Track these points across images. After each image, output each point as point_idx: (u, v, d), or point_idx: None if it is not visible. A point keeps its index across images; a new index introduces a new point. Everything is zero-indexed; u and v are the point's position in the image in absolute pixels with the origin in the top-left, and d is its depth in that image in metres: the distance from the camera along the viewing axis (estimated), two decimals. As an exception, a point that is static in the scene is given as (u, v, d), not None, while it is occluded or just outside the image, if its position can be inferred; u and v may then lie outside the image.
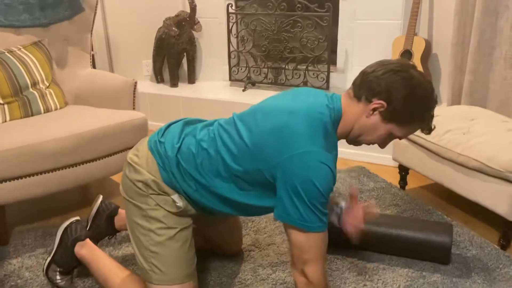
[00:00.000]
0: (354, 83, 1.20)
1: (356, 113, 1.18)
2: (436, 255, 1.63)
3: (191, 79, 3.47)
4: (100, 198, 1.73)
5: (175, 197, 1.28)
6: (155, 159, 1.28)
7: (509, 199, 1.65)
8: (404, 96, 1.12)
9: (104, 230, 1.69)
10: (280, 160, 1.10)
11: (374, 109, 1.16)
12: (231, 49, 3.21)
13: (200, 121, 1.41)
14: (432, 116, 1.19)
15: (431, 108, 1.18)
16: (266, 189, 1.20)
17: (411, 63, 1.18)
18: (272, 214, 2.01)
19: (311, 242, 1.11)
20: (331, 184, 1.10)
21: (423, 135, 1.96)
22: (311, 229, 1.10)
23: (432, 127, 1.21)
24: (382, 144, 1.24)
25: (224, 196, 1.26)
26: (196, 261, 1.33)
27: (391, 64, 1.15)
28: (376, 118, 1.17)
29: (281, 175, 1.10)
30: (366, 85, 1.16)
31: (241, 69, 3.29)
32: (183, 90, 3.29)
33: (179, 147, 1.28)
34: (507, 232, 1.74)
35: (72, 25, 2.38)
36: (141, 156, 1.30)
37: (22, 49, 2.17)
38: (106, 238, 1.78)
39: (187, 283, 1.28)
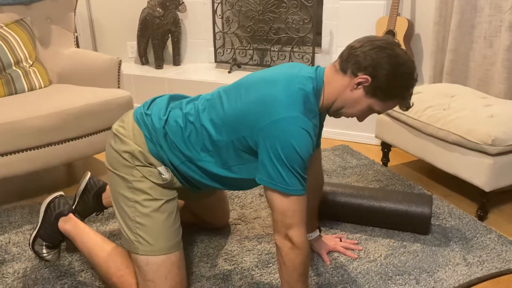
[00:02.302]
0: (341, 56, 1.23)
1: (340, 85, 1.22)
2: (416, 225, 1.69)
3: (176, 61, 3.47)
4: (88, 174, 1.73)
5: (161, 169, 1.30)
6: (141, 130, 1.30)
7: (486, 170, 1.71)
8: (388, 72, 1.16)
9: (91, 206, 1.71)
10: (262, 126, 1.13)
11: (358, 83, 1.19)
12: (216, 30, 3.21)
13: (184, 97, 1.43)
14: (411, 94, 1.24)
15: (412, 86, 1.23)
16: (249, 162, 1.24)
17: (396, 40, 1.22)
18: (257, 190, 2.06)
19: (293, 206, 1.14)
20: (310, 149, 1.14)
21: (405, 112, 2.01)
22: (293, 193, 1.13)
23: (411, 104, 1.26)
24: (361, 117, 1.29)
25: (209, 170, 1.29)
26: (181, 232, 1.36)
27: (378, 40, 1.19)
28: (359, 92, 1.21)
29: (263, 140, 1.13)
30: (353, 60, 1.19)
31: (227, 51, 3.29)
32: (168, 71, 3.29)
33: (166, 119, 1.29)
34: (484, 203, 1.80)
35: (55, 3, 2.36)
36: (127, 127, 1.31)
37: (4, 27, 2.15)
38: (94, 214, 1.80)
39: (173, 253, 1.30)
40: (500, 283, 0.88)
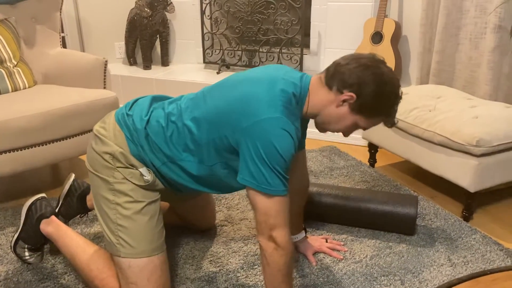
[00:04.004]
0: (327, 71, 1.24)
1: (326, 100, 1.23)
2: (402, 226, 1.69)
3: (165, 62, 3.45)
4: (73, 176, 1.71)
5: (143, 170, 1.28)
6: (122, 131, 1.28)
7: (471, 171, 1.72)
8: (373, 90, 1.18)
9: (75, 208, 1.69)
10: (244, 126, 1.13)
11: (344, 100, 1.21)
12: (205, 31, 3.20)
13: (167, 97, 1.42)
14: (396, 111, 1.26)
15: (396, 103, 1.25)
16: (230, 161, 1.23)
17: (381, 58, 1.24)
18: (244, 191, 2.05)
19: (277, 206, 1.14)
20: (292, 150, 1.14)
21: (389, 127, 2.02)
22: (276, 193, 1.13)
23: (396, 121, 1.28)
24: (347, 133, 1.30)
25: (190, 171, 1.28)
26: (164, 234, 1.34)
27: (364, 58, 1.20)
28: (344, 109, 1.22)
29: (245, 141, 1.13)
30: (339, 76, 1.20)
31: (215, 52, 3.29)
32: (156, 72, 3.27)
33: (148, 120, 1.28)
34: (469, 203, 1.81)
35: (40, 3, 2.33)
36: (108, 128, 1.30)
37: (-12, 27, 2.12)
38: (78, 216, 1.78)
39: (156, 255, 1.28)
40: (479, 283, 0.88)
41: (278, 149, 1.10)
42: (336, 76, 1.20)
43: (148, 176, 1.28)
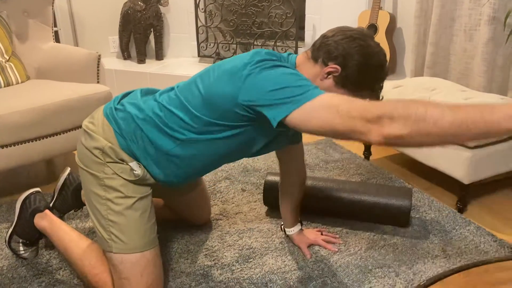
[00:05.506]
0: (313, 45, 1.21)
1: (311, 73, 1.20)
2: (396, 218, 1.70)
3: (159, 56, 3.43)
4: (68, 170, 1.71)
5: (133, 164, 1.26)
6: (111, 125, 1.26)
7: (465, 163, 1.72)
8: (358, 63, 1.14)
9: (70, 203, 1.68)
10: (242, 85, 1.08)
11: (328, 73, 1.17)
12: (199, 24, 3.18)
13: (157, 90, 1.38)
14: (381, 87, 1.22)
15: (382, 79, 1.21)
16: (237, 128, 1.18)
17: (370, 33, 1.21)
18: (239, 184, 2.04)
19: (330, 103, 0.98)
20: (295, 71, 1.08)
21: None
22: (316, 94, 1.01)
23: (381, 97, 1.24)
24: None
25: (187, 153, 1.22)
26: (156, 229, 1.33)
27: (351, 31, 1.18)
28: (329, 82, 1.18)
29: (252, 96, 1.07)
30: (324, 49, 1.17)
31: (210, 45, 3.27)
32: (151, 66, 3.26)
33: (138, 112, 1.26)
34: (463, 195, 1.82)
35: (32, -3, 2.32)
36: (96, 123, 1.28)
37: (-21, 21, 2.10)
38: (72, 211, 1.78)
39: (148, 250, 1.27)
40: (472, 274, 0.89)
41: (281, 73, 1.05)
42: (322, 48, 1.17)
43: (139, 170, 1.26)
